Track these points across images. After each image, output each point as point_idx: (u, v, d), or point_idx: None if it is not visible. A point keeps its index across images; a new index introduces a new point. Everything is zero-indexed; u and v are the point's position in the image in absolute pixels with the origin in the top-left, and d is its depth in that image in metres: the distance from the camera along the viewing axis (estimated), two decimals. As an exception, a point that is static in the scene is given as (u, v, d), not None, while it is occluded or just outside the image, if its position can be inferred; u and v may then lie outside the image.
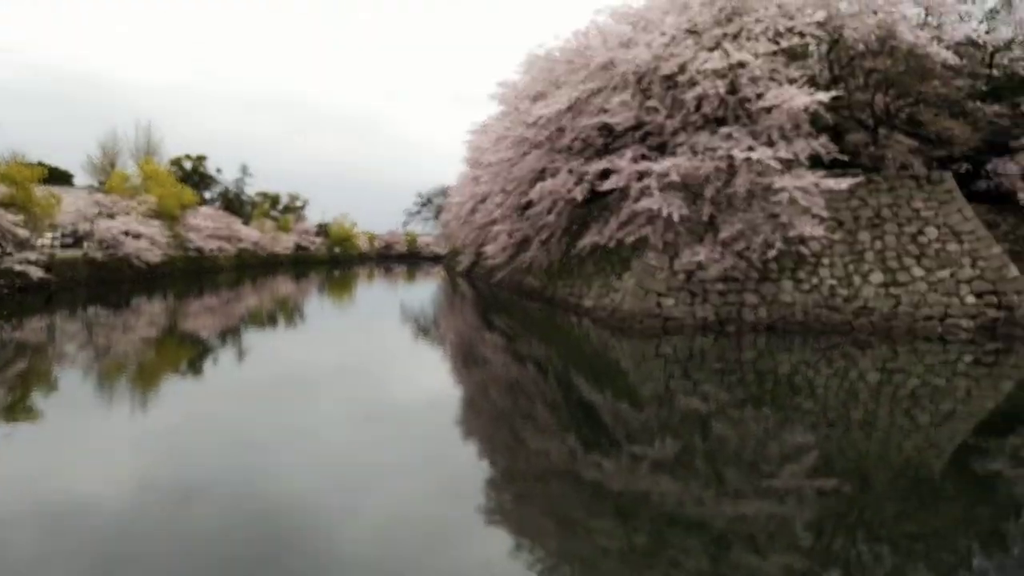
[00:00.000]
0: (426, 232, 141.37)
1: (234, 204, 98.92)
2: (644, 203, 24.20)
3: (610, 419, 13.20)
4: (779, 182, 23.22)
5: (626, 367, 19.39)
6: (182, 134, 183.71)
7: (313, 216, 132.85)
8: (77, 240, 49.09)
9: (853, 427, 12.44)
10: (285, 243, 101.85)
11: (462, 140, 53.96)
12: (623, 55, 24.83)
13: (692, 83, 24.38)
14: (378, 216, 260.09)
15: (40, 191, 36.68)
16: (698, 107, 24.76)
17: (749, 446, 11.12)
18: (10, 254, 33.60)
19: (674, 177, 23.79)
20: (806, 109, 23.74)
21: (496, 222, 40.83)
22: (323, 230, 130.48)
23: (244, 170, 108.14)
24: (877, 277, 25.10)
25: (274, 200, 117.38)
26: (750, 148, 23.42)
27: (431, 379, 17.17)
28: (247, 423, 12.22)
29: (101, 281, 44.22)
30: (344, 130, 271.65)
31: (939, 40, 26.07)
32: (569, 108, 27.30)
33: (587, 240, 29.10)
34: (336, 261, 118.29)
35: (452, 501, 8.45)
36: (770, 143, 23.94)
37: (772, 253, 24.44)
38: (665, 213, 23.91)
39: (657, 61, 24.64)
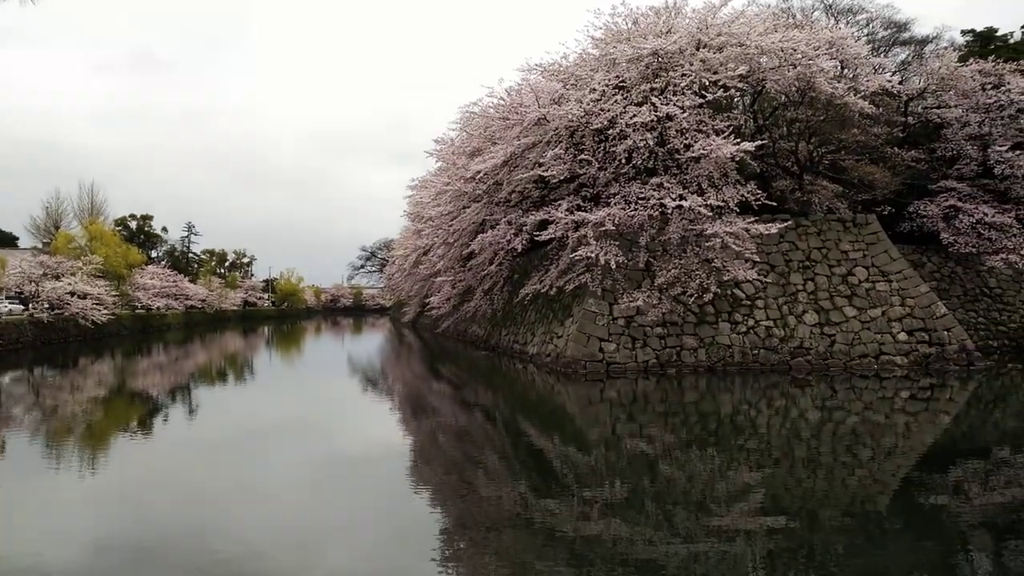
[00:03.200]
0: (371, 284, 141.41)
1: (181, 262, 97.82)
2: (582, 251, 25.05)
3: (559, 463, 13.64)
4: (711, 228, 24.36)
5: (572, 411, 19.94)
6: (128, 194, 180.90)
7: (260, 272, 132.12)
8: (23, 302, 48.05)
9: (797, 465, 13.06)
10: (233, 299, 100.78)
11: (403, 195, 54.72)
12: (555, 111, 25.92)
13: (623, 136, 25.56)
14: (324, 270, 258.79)
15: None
16: (629, 159, 25.93)
17: (696, 486, 11.64)
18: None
19: (609, 226, 24.75)
20: (733, 158, 25.10)
21: (439, 273, 41.31)
22: (270, 285, 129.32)
23: (190, 228, 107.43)
24: (811, 317, 26.32)
25: (221, 258, 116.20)
26: (681, 197, 24.56)
27: (381, 430, 17.40)
28: (198, 480, 12.31)
29: (47, 342, 43.62)
30: (288, 186, 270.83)
31: (855, 91, 27.98)
32: (505, 163, 28.20)
33: (529, 288, 29.81)
34: (284, 315, 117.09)
35: (406, 551, 8.77)
36: (700, 191, 25.14)
37: (708, 297, 25.48)
38: (603, 261, 24.79)
39: (588, 116, 25.78)
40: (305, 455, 14.47)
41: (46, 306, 45.52)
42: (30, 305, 46.92)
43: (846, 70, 30.62)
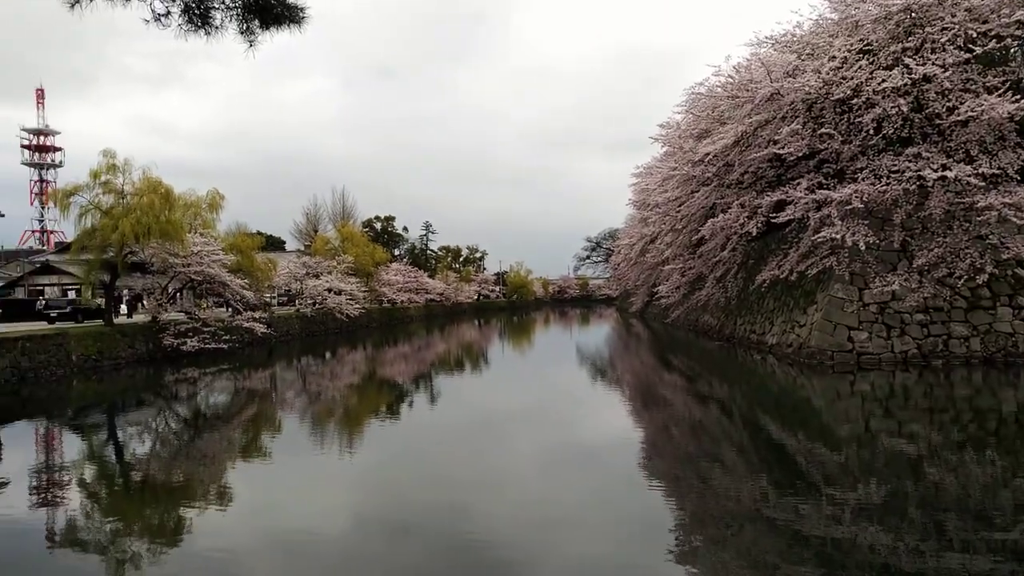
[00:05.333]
0: (597, 275, 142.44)
1: (420, 259, 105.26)
2: (825, 233, 23.11)
3: (804, 461, 12.62)
4: (984, 200, 21.33)
5: (818, 405, 18.41)
6: (373, 197, 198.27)
7: (491, 266, 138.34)
8: (290, 298, 54.39)
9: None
10: (467, 292, 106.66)
11: (627, 183, 54.25)
12: (790, 84, 24.08)
13: (870, 104, 23.16)
14: (550, 262, 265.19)
15: (260, 257, 41.00)
16: (878, 129, 23.43)
17: (974, 493, 10.14)
18: (240, 313, 37.81)
19: (857, 204, 22.56)
20: (1012, 118, 21.76)
21: (667, 261, 40.49)
22: (501, 278, 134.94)
23: (428, 227, 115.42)
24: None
25: (455, 253, 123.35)
26: (944, 167, 21.78)
27: (612, 420, 17.21)
28: (447, 462, 12.97)
29: (311, 334, 49.22)
30: (515, 181, 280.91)
31: None
32: (736, 143, 26.78)
33: (765, 274, 28.12)
34: (514, 307, 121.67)
35: (642, 542, 8.51)
36: (969, 159, 22.14)
37: (982, 278, 22.40)
38: (850, 242, 22.68)
39: (828, 86, 23.67)
40: (540, 443, 14.70)
41: (309, 302, 51.20)
42: (296, 301, 52.89)
43: None
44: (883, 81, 22.57)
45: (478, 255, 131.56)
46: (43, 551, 8.82)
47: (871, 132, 23.50)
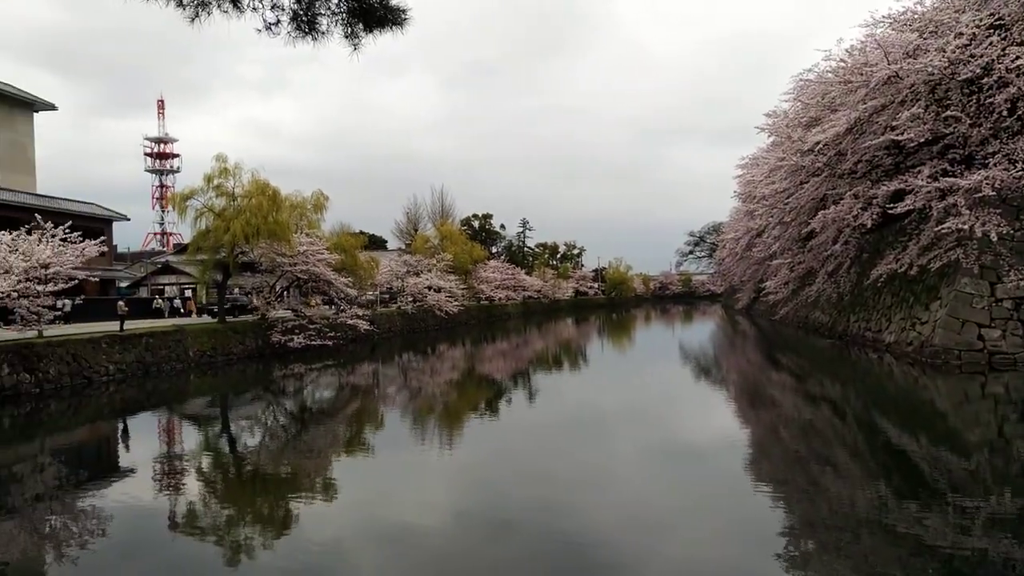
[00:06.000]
0: (700, 271, 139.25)
1: (517, 256, 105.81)
2: (951, 223, 21.62)
3: (927, 466, 11.80)
4: None
5: (943, 408, 17.22)
6: (470, 196, 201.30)
7: (589, 262, 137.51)
8: (391, 296, 55.82)
9: None
10: (565, 289, 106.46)
11: (732, 175, 52.67)
12: (910, 65, 22.62)
13: (1003, 84, 21.49)
14: (651, 258, 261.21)
15: (363, 256, 42.20)
16: (1012, 110, 21.72)
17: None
18: (344, 310, 39.05)
19: (988, 191, 20.99)
20: None
21: (775, 256, 39.06)
22: (599, 275, 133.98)
23: (525, 224, 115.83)
24: None
25: (553, 250, 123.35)
26: (1086, 149, 19.97)
27: (716, 420, 16.68)
28: (547, 460, 12.87)
29: (412, 330, 50.34)
30: (614, 176, 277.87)
31: None
32: (849, 130, 25.41)
33: (882, 268, 26.61)
34: (613, 304, 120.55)
35: (749, 547, 8.13)
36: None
37: None
38: (979, 233, 21.13)
39: (954, 66, 22.11)
40: (642, 441, 14.41)
41: (409, 299, 52.31)
42: (397, 299, 54.12)
43: None
44: (1017, 58, 20.91)
45: (576, 252, 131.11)
46: (166, 536, 9.25)
47: (1004, 113, 21.83)
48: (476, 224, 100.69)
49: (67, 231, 24.79)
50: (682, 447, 13.83)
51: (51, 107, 53.68)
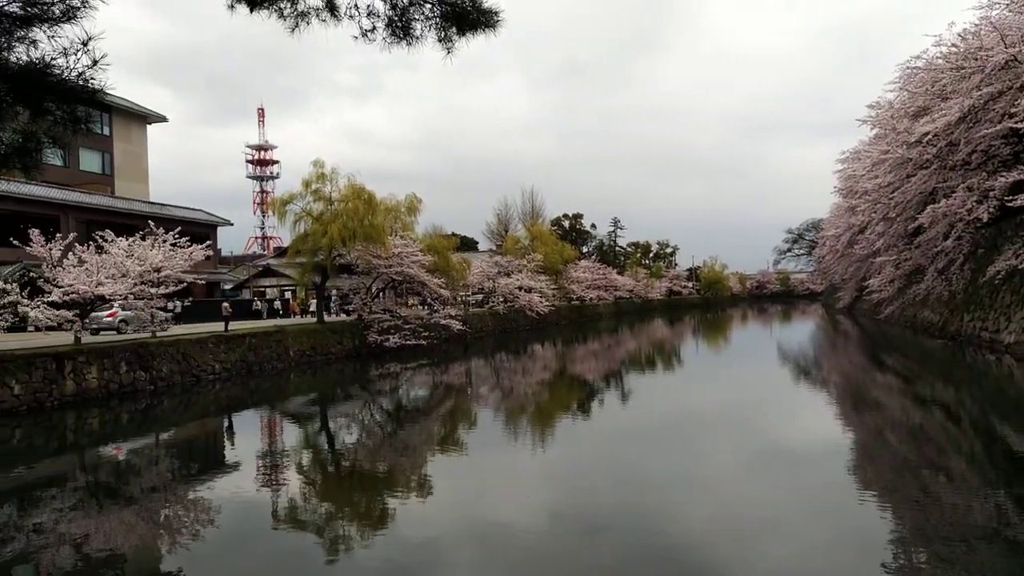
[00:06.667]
0: (799, 269, 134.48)
1: (608, 256, 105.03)
2: (1077, 216, 20.10)
3: (1052, 477, 10.97)
4: None
5: (1069, 414, 16.01)
6: (560, 195, 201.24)
7: (682, 261, 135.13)
8: (483, 297, 56.50)
9: None
10: (658, 289, 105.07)
11: (832, 170, 50.58)
12: (1032, 47, 21.19)
13: None
14: (747, 256, 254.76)
15: (455, 257, 42.86)
16: None
17: None
18: (437, 311, 39.75)
19: (1119, 180, 19.41)
20: None
21: (879, 253, 37.31)
22: (693, 274, 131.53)
23: (616, 223, 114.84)
24: None
25: (645, 249, 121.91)
26: None
27: (818, 423, 16.02)
28: (641, 462, 12.69)
29: (503, 330, 50.76)
30: (708, 173, 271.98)
31: None
32: (962, 119, 23.99)
33: (1000, 265, 24.97)
34: (708, 304, 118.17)
35: (853, 556, 7.76)
36: None
37: None
38: (1109, 225, 19.55)
39: (1082, 46, 20.58)
40: (740, 445, 13.99)
41: (501, 299, 52.79)
42: (489, 299, 54.66)
43: None
44: None
45: (669, 250, 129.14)
46: (269, 529, 9.60)
47: None
48: (566, 224, 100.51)
49: (177, 236, 26.14)
50: (781, 449, 13.36)
51: (162, 119, 56.96)
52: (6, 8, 5.84)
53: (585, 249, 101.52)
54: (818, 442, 13.92)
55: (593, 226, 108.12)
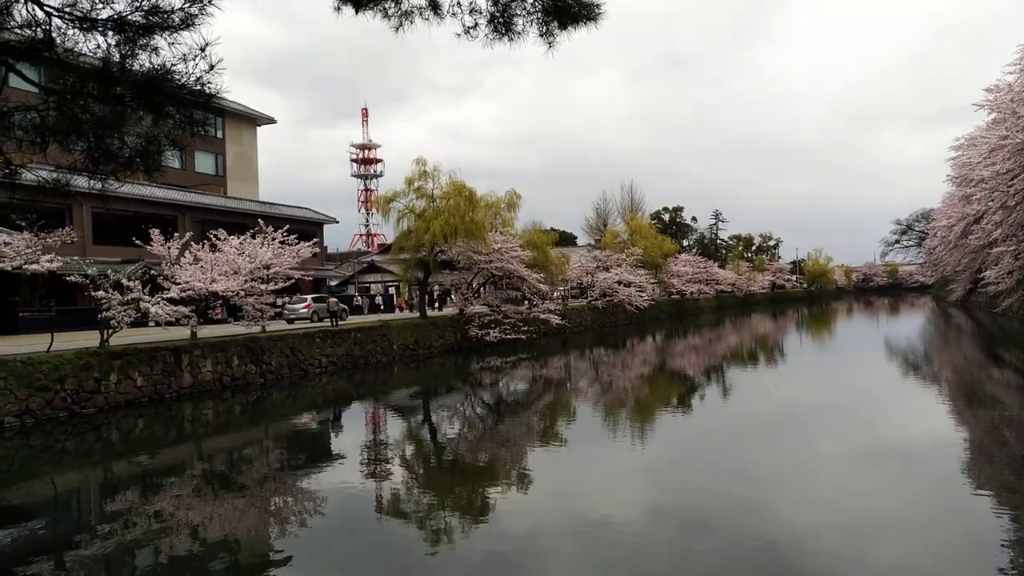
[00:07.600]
0: (908, 261, 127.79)
1: (709, 249, 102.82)
2: None
3: None
4: None
5: None
6: (661, 188, 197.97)
7: (786, 254, 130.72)
8: (582, 291, 56.46)
9: None
10: (760, 282, 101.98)
11: (944, 158, 47.77)
12: None
13: None
14: (852, 248, 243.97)
15: (553, 252, 43.00)
16: None
17: None
18: (536, 305, 40.06)
19: None
20: None
21: (996, 243, 35.10)
22: (797, 267, 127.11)
23: (717, 216, 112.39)
24: None
25: (747, 242, 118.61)
26: None
27: (929, 420, 15.41)
28: (744, 457, 12.58)
29: (601, 325, 50.75)
30: (812, 165, 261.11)
31: None
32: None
33: None
34: (813, 297, 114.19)
35: (966, 560, 7.54)
36: None
37: None
38: None
39: None
40: (847, 441, 13.64)
41: (599, 294, 52.58)
42: (587, 293, 54.50)
43: None
44: None
45: (771, 243, 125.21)
46: (373, 519, 10.01)
47: None
48: (666, 217, 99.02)
49: (285, 234, 27.27)
50: (890, 447, 12.93)
51: (271, 121, 59.57)
52: (129, 18, 6.30)
53: (685, 242, 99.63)
54: (930, 439, 13.40)
55: (694, 219, 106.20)
